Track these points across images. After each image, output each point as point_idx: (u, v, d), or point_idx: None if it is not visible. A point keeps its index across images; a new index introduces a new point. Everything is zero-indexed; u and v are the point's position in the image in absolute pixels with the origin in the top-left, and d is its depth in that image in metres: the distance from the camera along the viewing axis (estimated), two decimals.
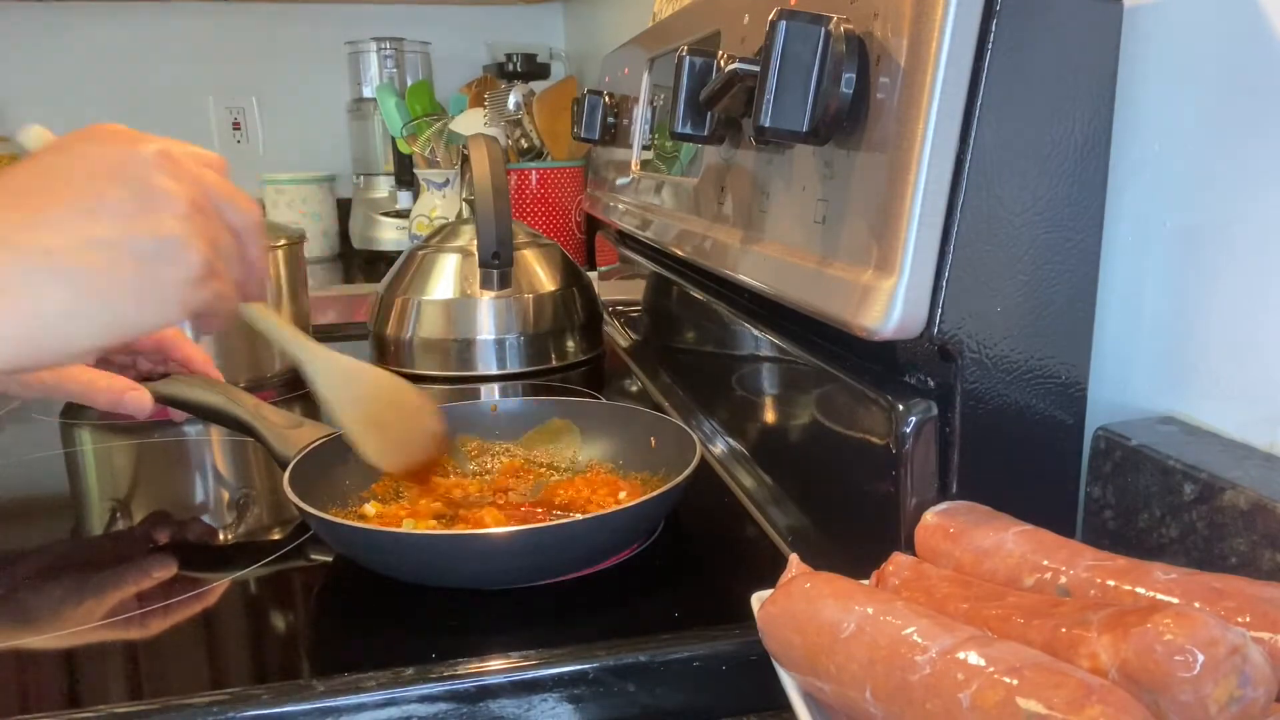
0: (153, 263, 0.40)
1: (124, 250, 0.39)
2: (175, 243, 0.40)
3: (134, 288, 0.40)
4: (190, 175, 0.42)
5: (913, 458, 0.47)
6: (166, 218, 0.40)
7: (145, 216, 0.40)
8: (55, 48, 2.03)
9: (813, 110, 0.46)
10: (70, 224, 0.39)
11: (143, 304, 0.40)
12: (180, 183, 0.41)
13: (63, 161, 0.41)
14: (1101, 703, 0.26)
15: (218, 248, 0.43)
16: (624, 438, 0.69)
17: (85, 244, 0.39)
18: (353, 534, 0.54)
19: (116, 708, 0.43)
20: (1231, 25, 0.43)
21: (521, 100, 1.63)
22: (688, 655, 0.46)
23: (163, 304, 0.41)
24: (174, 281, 0.41)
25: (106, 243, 0.39)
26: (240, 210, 0.45)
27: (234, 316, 0.46)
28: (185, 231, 0.41)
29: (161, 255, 0.40)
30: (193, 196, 0.42)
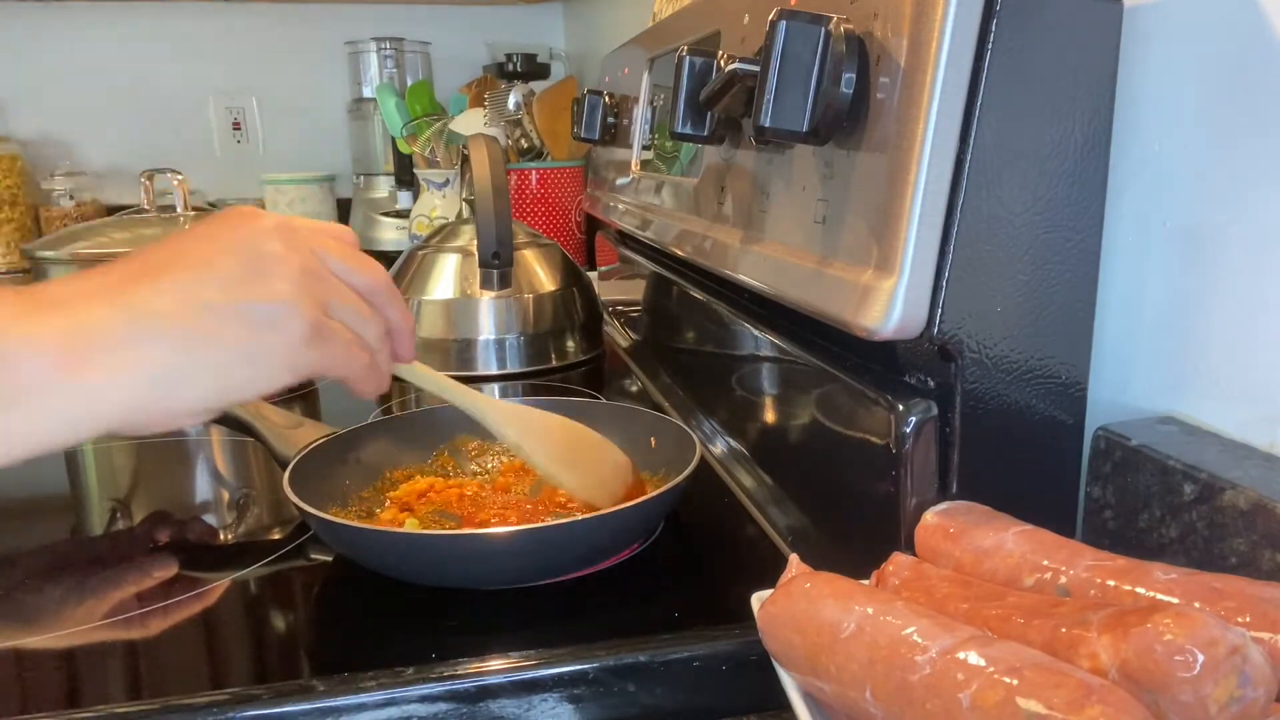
0: (259, 326, 0.41)
1: (231, 314, 0.40)
2: (281, 307, 0.41)
3: (240, 351, 0.41)
4: (304, 243, 0.43)
5: (913, 458, 0.47)
6: (274, 282, 0.41)
7: (253, 282, 0.41)
8: (55, 48, 2.03)
9: (813, 110, 0.46)
10: (182, 289, 0.40)
11: (251, 366, 0.41)
12: (291, 249, 0.42)
13: (189, 238, 0.43)
14: (1101, 703, 0.26)
15: (334, 310, 0.44)
16: (624, 438, 0.69)
17: (193, 307, 0.40)
18: (353, 534, 0.54)
19: (116, 708, 0.43)
20: (1231, 25, 0.43)
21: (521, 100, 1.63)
22: (688, 655, 0.46)
23: (269, 367, 0.42)
24: (282, 344, 0.42)
25: (214, 306, 0.40)
26: (363, 273, 0.46)
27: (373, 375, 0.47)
28: (292, 295, 0.41)
29: (269, 319, 0.41)
30: (303, 262, 0.42)
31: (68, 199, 1.92)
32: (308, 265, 0.43)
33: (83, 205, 1.94)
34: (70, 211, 1.91)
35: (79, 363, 0.38)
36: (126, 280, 0.40)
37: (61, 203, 1.92)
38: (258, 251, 0.42)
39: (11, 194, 1.86)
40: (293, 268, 0.42)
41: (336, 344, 0.44)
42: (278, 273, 0.42)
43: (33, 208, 1.92)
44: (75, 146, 2.05)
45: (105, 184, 2.05)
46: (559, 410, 0.71)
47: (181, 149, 2.08)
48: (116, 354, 0.38)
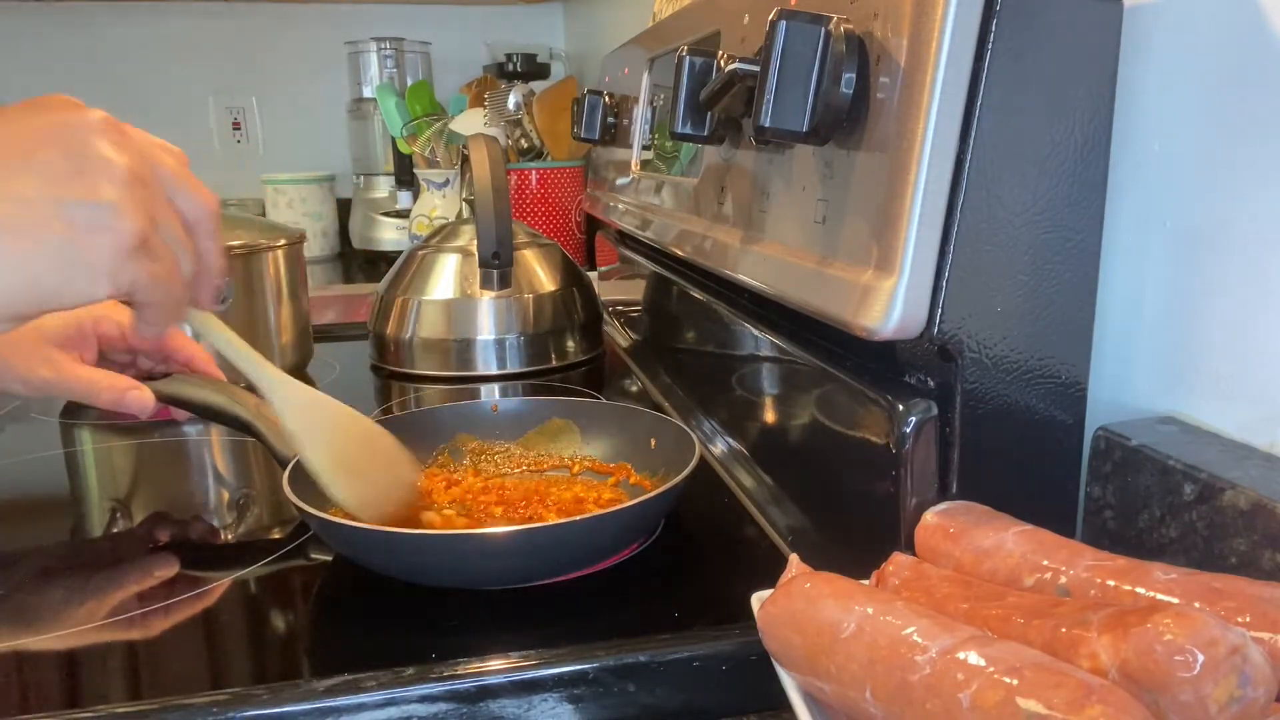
0: (79, 227, 0.37)
1: (47, 210, 0.36)
2: (107, 208, 0.37)
3: (57, 251, 0.37)
4: (136, 147, 0.39)
5: (913, 458, 0.47)
6: (101, 182, 0.37)
7: (78, 179, 0.37)
8: (55, 48, 2.03)
9: (813, 110, 0.46)
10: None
11: (66, 270, 0.37)
12: (122, 151, 0.38)
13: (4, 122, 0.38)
14: (1101, 703, 0.26)
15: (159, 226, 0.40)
16: (624, 438, 0.69)
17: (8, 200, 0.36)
18: (352, 534, 0.54)
19: (116, 708, 0.43)
20: (1232, 25, 0.43)
21: (521, 100, 1.63)
22: (688, 655, 0.46)
23: (90, 273, 0.38)
24: (104, 249, 0.37)
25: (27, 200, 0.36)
26: (194, 197, 0.42)
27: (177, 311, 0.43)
28: (120, 199, 0.37)
29: (91, 219, 0.37)
30: (135, 167, 0.38)
31: None
32: (139, 171, 0.39)
33: None
34: None
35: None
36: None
37: None
38: (84, 145, 0.38)
39: None
40: (121, 169, 0.38)
41: (159, 264, 0.40)
42: (105, 172, 0.38)
43: None
44: None
45: None
46: (559, 410, 0.72)
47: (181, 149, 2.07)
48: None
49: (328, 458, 0.53)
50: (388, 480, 0.56)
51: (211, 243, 0.44)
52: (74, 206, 0.37)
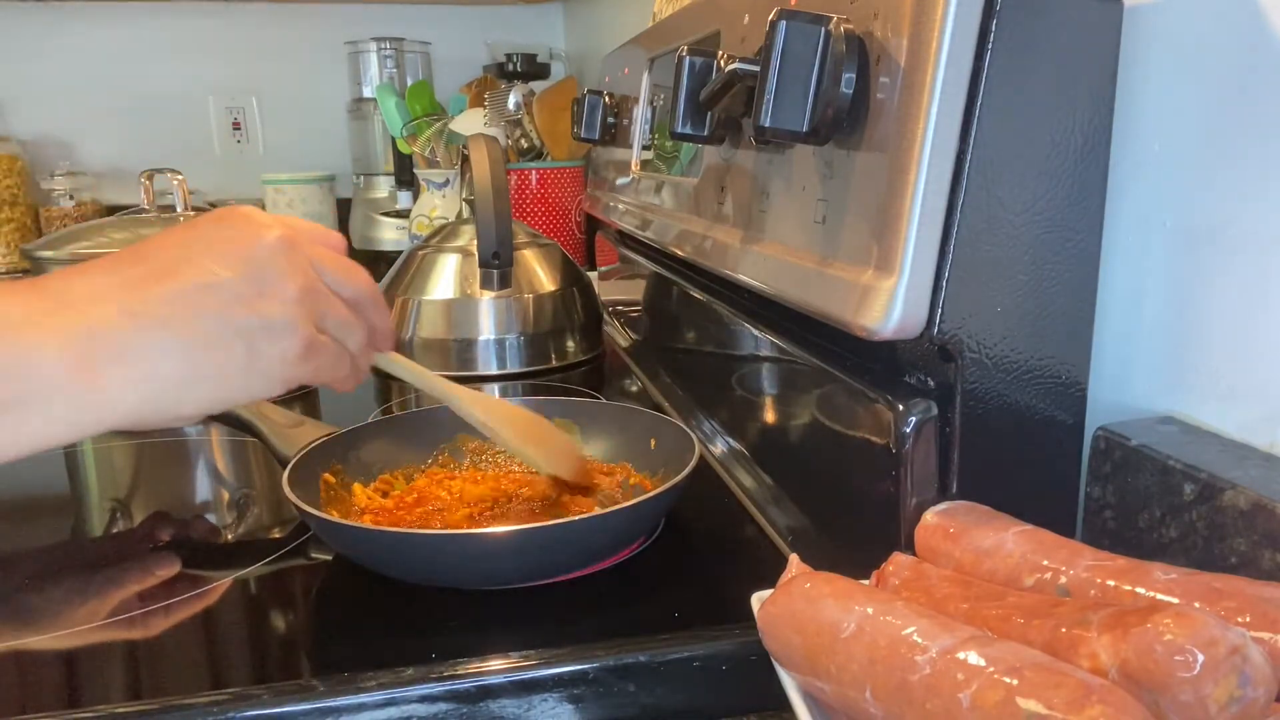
0: (259, 341, 0.43)
1: (234, 328, 0.42)
2: (281, 325, 0.44)
3: (241, 363, 0.43)
4: (305, 261, 0.45)
5: (913, 458, 0.47)
6: (275, 302, 0.43)
7: (257, 298, 0.43)
8: (55, 48, 2.03)
9: (813, 110, 0.46)
10: (189, 300, 0.42)
11: (248, 378, 0.43)
12: (293, 269, 0.44)
13: (191, 239, 0.44)
14: (1101, 703, 0.26)
15: (328, 325, 0.47)
16: (624, 437, 0.69)
17: (200, 320, 0.42)
18: (352, 534, 0.54)
19: (116, 708, 0.43)
20: (1232, 25, 0.43)
21: (521, 100, 1.63)
22: (688, 655, 0.46)
23: (265, 379, 0.44)
24: (276, 359, 0.44)
25: (219, 319, 0.42)
26: (353, 284, 0.48)
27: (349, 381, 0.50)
28: (291, 315, 0.44)
29: (269, 335, 0.43)
30: (304, 282, 0.45)
31: (68, 199, 1.92)
32: (308, 283, 0.45)
33: (83, 205, 1.94)
34: (70, 211, 1.91)
35: (90, 370, 0.39)
36: (136, 283, 0.41)
37: (61, 203, 1.92)
38: (261, 266, 0.43)
39: (11, 194, 1.86)
40: (294, 285, 0.44)
41: (325, 356, 0.46)
42: (279, 290, 0.44)
43: (33, 208, 1.92)
44: (75, 146, 2.05)
45: (105, 184, 2.05)
46: (559, 410, 0.72)
47: (181, 149, 2.08)
48: (126, 362, 0.40)
49: (516, 438, 0.62)
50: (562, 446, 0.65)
51: (377, 313, 0.51)
52: (254, 326, 0.43)
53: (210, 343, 0.42)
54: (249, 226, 0.44)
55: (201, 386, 0.42)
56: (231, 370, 0.43)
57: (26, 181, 1.91)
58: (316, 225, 0.49)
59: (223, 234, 0.44)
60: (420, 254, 1.05)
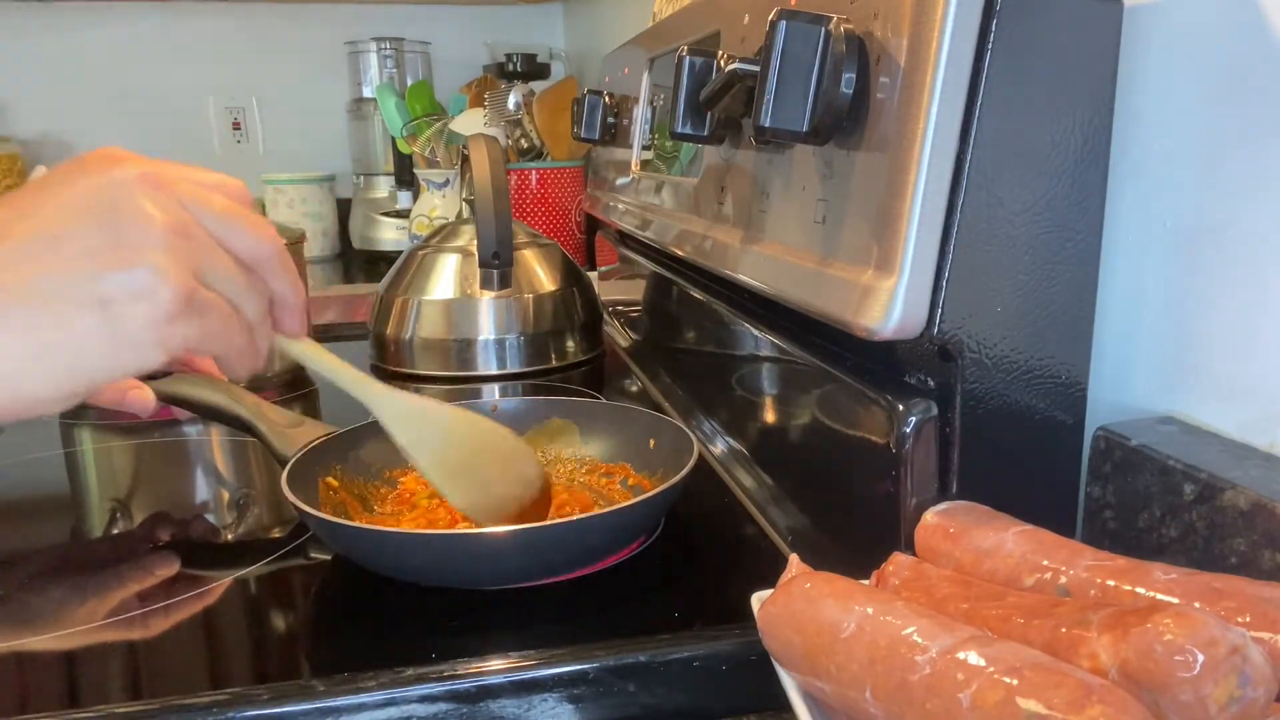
0: (117, 301, 0.35)
1: (84, 288, 0.35)
2: (144, 275, 0.35)
3: (97, 331, 0.35)
4: (176, 198, 0.37)
5: (913, 458, 0.47)
6: (135, 247, 0.35)
7: (112, 249, 0.35)
8: (55, 48, 2.03)
9: (813, 110, 0.46)
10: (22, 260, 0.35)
11: (110, 348, 0.36)
12: (159, 207, 0.36)
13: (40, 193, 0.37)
14: (1101, 703, 0.26)
15: (212, 279, 0.38)
16: (623, 437, 0.69)
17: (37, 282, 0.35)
18: (351, 534, 0.54)
19: (116, 708, 0.43)
20: (1232, 25, 0.43)
21: (521, 100, 1.63)
22: (688, 655, 0.46)
23: (135, 346, 0.36)
24: (146, 320, 0.36)
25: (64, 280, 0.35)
26: (249, 236, 0.40)
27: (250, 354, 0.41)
28: (158, 262, 0.36)
29: (130, 291, 0.35)
30: (175, 221, 0.37)
31: None
32: (178, 223, 0.37)
33: None
34: None
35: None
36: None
37: None
38: (116, 209, 0.36)
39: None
40: (158, 227, 0.36)
41: (212, 317, 0.38)
42: (140, 234, 0.36)
43: None
44: (75, 146, 2.05)
45: None
46: (558, 410, 0.72)
47: (181, 149, 2.08)
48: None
49: (440, 467, 0.53)
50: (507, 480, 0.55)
51: (282, 276, 0.42)
52: (109, 281, 0.35)
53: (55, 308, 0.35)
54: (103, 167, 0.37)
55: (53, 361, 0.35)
56: (88, 339, 0.35)
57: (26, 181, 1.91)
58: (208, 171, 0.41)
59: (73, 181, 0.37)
60: (420, 254, 1.05)
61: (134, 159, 0.38)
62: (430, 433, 0.53)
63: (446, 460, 0.53)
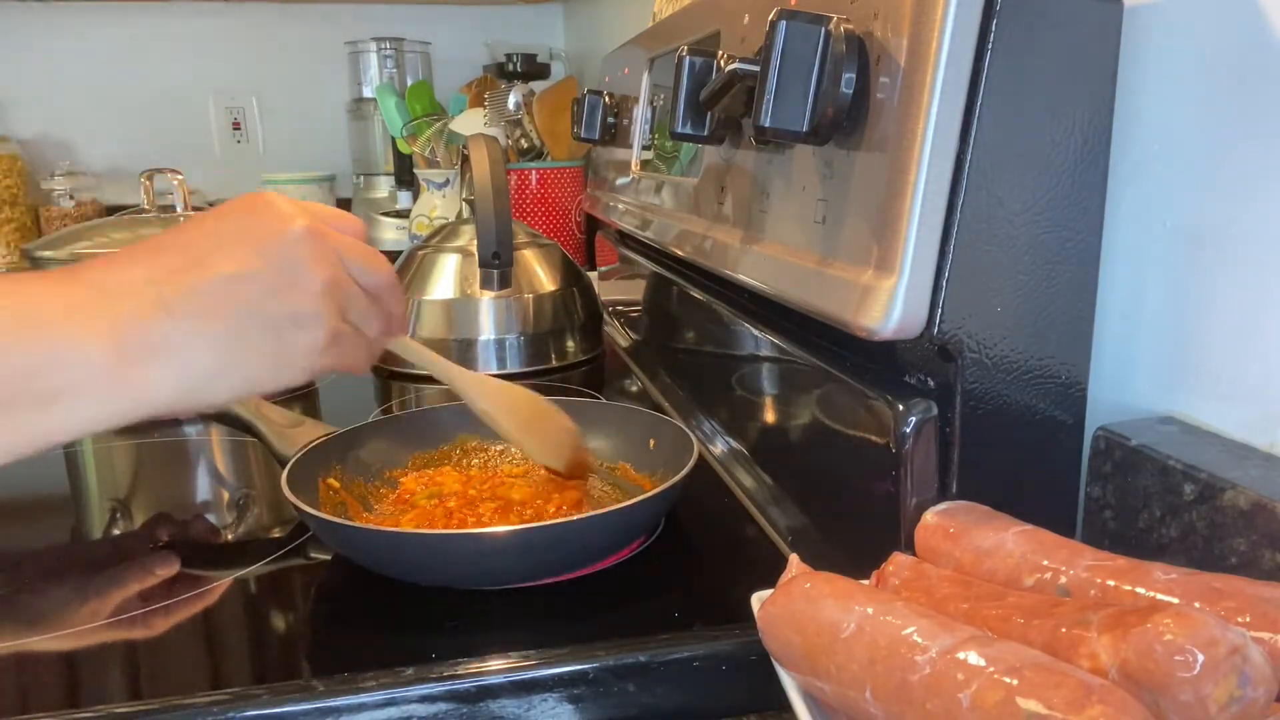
0: (288, 333, 0.44)
1: (265, 321, 0.43)
2: (309, 317, 0.45)
3: (270, 354, 0.44)
4: (331, 252, 0.46)
5: (913, 458, 0.47)
6: (304, 293, 0.44)
7: (287, 291, 0.44)
8: (55, 48, 2.03)
9: (813, 110, 0.46)
10: (221, 293, 0.42)
11: (275, 368, 0.45)
12: (321, 260, 0.45)
13: (221, 229, 0.44)
14: (1101, 703, 0.26)
15: (350, 315, 0.48)
16: (622, 437, 0.69)
17: (232, 313, 0.43)
18: (350, 533, 0.54)
19: (116, 708, 0.43)
20: (1232, 25, 0.43)
21: (521, 100, 1.63)
22: (688, 655, 0.46)
23: (293, 368, 0.45)
24: (303, 350, 0.45)
25: (250, 313, 0.43)
26: (374, 272, 0.49)
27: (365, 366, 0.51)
28: (318, 308, 0.45)
29: (297, 326, 0.44)
30: (331, 274, 0.45)
31: (68, 199, 1.92)
32: (334, 274, 0.46)
33: (83, 205, 1.94)
34: (70, 211, 1.91)
35: (130, 363, 0.40)
36: (170, 275, 0.42)
37: (61, 203, 1.92)
38: (290, 257, 0.44)
39: (11, 194, 1.86)
40: (321, 277, 0.45)
41: (346, 346, 0.48)
42: (307, 284, 0.44)
43: (33, 208, 1.92)
44: (75, 146, 2.05)
45: (105, 184, 2.05)
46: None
47: (181, 149, 2.08)
48: (164, 356, 0.41)
49: (520, 428, 0.64)
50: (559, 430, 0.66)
51: (395, 301, 0.52)
52: (284, 318, 0.44)
53: (242, 335, 0.43)
54: (277, 216, 0.45)
55: (233, 377, 0.43)
56: (261, 361, 0.44)
57: (26, 181, 1.91)
58: (338, 211, 0.49)
59: (251, 223, 0.45)
60: (420, 254, 1.05)
61: (298, 210, 0.45)
62: (507, 402, 0.64)
63: (518, 421, 0.64)
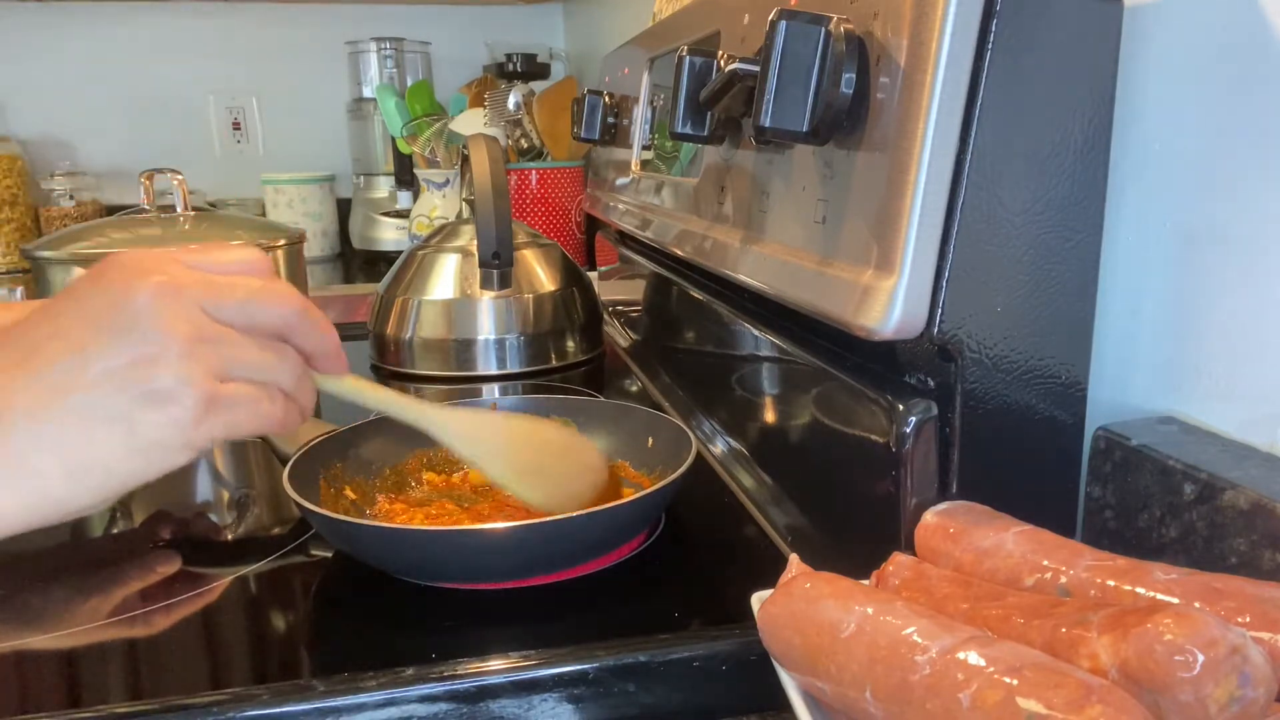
0: (145, 413, 0.38)
1: (109, 405, 0.37)
2: (165, 390, 0.38)
3: (125, 446, 0.38)
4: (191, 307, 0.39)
5: (913, 458, 0.47)
6: (154, 364, 0.38)
7: (132, 368, 0.37)
8: (55, 48, 2.03)
9: (813, 110, 0.46)
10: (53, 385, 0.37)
11: (139, 458, 0.38)
12: (176, 317, 0.38)
13: (61, 308, 0.39)
14: (1101, 703, 0.26)
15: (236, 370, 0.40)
16: (621, 435, 0.69)
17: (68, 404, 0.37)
18: (351, 530, 0.54)
19: (116, 708, 0.43)
20: (1232, 25, 0.43)
21: (521, 100, 1.63)
22: (688, 655, 0.46)
23: (164, 451, 0.39)
24: (171, 428, 0.38)
25: (90, 403, 0.37)
26: (272, 310, 0.42)
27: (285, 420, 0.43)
28: (177, 374, 0.38)
29: (153, 403, 0.38)
30: (191, 330, 0.38)
31: (68, 199, 1.93)
32: (194, 330, 0.39)
33: (83, 205, 1.94)
34: (70, 211, 1.91)
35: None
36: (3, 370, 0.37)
37: (61, 203, 1.92)
38: (134, 324, 0.37)
39: (11, 194, 1.86)
40: (176, 341, 0.38)
41: (239, 408, 0.40)
42: (158, 348, 0.38)
43: (33, 208, 1.92)
44: (75, 146, 2.05)
45: (105, 184, 2.05)
46: (557, 408, 0.72)
47: (181, 149, 2.08)
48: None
49: (510, 471, 0.55)
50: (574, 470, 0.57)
51: (312, 334, 0.44)
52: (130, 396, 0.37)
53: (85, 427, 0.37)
54: (120, 282, 0.38)
55: (89, 476, 0.37)
56: (115, 456, 0.38)
57: (26, 181, 1.91)
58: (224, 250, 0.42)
59: (92, 297, 0.38)
60: (420, 254, 1.05)
61: (150, 267, 0.39)
62: (493, 442, 0.55)
63: (515, 464, 0.55)
